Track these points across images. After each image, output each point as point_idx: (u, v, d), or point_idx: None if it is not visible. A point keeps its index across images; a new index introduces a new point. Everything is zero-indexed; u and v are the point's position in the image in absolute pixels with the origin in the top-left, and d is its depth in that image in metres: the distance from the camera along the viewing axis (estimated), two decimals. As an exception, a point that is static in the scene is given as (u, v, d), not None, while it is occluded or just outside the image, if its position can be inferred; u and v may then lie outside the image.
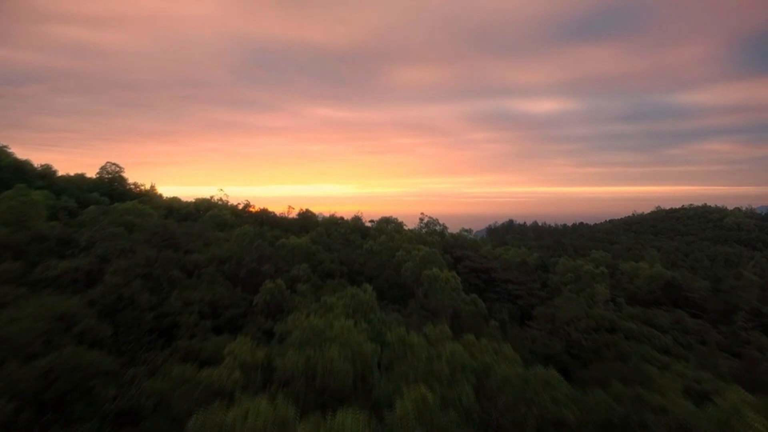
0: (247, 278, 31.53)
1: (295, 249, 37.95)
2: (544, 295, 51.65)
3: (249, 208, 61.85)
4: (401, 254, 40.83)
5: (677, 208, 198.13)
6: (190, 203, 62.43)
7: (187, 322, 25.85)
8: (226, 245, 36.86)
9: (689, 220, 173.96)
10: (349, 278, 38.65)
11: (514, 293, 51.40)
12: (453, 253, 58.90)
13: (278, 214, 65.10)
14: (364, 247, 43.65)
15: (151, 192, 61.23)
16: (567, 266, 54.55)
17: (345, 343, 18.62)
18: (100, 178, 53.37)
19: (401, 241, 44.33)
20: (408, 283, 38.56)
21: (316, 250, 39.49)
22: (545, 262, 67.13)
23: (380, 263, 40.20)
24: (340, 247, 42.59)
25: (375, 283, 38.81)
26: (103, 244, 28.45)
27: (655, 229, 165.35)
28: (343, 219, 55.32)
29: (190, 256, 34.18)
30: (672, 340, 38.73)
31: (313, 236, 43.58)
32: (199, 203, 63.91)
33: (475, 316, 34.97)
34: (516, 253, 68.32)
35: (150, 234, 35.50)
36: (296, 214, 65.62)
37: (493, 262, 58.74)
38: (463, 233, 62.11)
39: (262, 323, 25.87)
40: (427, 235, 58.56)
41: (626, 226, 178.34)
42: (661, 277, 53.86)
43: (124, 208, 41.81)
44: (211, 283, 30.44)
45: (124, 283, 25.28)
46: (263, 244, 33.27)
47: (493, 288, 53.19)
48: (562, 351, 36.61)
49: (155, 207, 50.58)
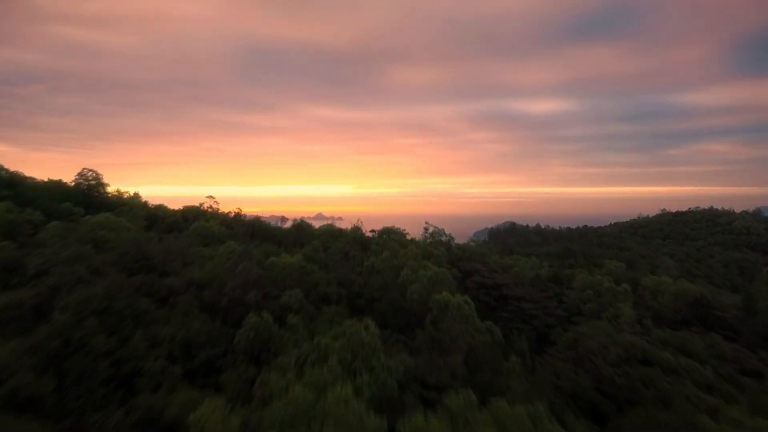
0: (229, 308, 27.10)
1: (286, 269, 33.54)
2: (562, 314, 47.29)
3: (240, 217, 57.50)
4: (406, 273, 36.45)
5: (683, 211, 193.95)
6: (177, 212, 57.98)
7: (152, 369, 21.42)
8: (209, 265, 32.45)
9: (696, 224, 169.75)
10: (348, 302, 34.27)
11: (529, 313, 46.97)
12: (460, 267, 54.56)
13: (273, 221, 60.87)
14: (365, 264, 39.23)
15: (134, 200, 56.76)
16: (585, 282, 50.21)
17: (341, 420, 14.27)
18: (76, 185, 48.83)
19: (406, 257, 39.94)
20: (415, 307, 34.16)
21: (310, 270, 35.07)
22: (558, 274, 62.76)
23: (383, 284, 35.78)
24: (338, 265, 38.20)
25: (377, 308, 34.45)
26: (58, 270, 24.03)
27: (662, 233, 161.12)
28: (342, 230, 50.76)
29: (165, 279, 29.74)
30: (713, 373, 34.51)
31: (307, 252, 39.19)
32: (187, 211, 59.47)
33: (492, 348, 30.63)
34: (526, 265, 63.93)
35: (120, 254, 31.08)
36: (291, 223, 61.24)
37: (503, 275, 54.36)
38: (470, 244, 57.71)
39: (243, 371, 21.43)
40: (432, 246, 54.19)
41: (632, 230, 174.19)
42: (687, 294, 49.51)
43: (96, 221, 37.39)
44: (187, 315, 26.01)
45: (75, 322, 20.89)
46: (249, 266, 28.84)
47: (506, 306, 48.77)
48: (590, 387, 32.33)
49: (136, 217, 46.13)
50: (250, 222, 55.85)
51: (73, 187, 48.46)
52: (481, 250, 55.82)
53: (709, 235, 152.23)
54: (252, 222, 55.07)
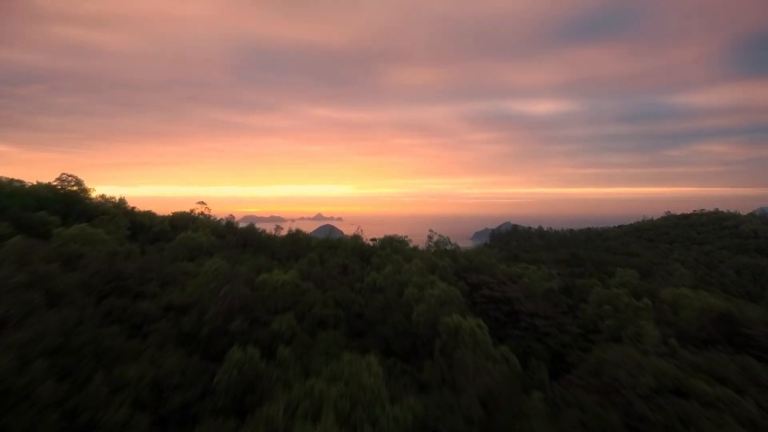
0: (210, 339, 23.64)
1: (279, 289, 30.09)
2: (577, 332, 43.85)
3: (233, 225, 54.02)
4: (411, 292, 32.98)
5: (689, 214, 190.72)
6: (165, 218, 54.52)
7: (113, 420, 17.98)
8: (191, 285, 28.97)
9: (703, 227, 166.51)
10: (347, 324, 30.79)
11: (543, 330, 43.52)
12: (468, 279, 51.15)
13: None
14: (366, 280, 35.77)
15: (120, 206, 53.28)
16: (602, 296, 46.83)
17: None
18: (55, 190, 45.25)
19: (410, 272, 36.50)
20: (421, 330, 30.72)
21: (305, 288, 31.60)
22: (569, 285, 59.34)
23: (385, 304, 32.32)
24: (336, 282, 34.74)
25: (380, 331, 30.99)
26: (6, 299, 20.55)
27: (668, 236, 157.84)
28: (340, 240, 47.24)
29: (139, 303, 26.26)
30: (755, 406, 31.08)
31: (303, 267, 35.75)
32: (176, 218, 56.01)
33: (511, 382, 27.24)
34: (535, 274, 60.48)
35: (90, 274, 27.58)
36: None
37: (513, 287, 50.93)
38: (475, 247, 54.27)
39: (221, 425, 17.93)
40: (436, 256, 50.75)
41: (638, 233, 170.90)
42: (712, 309, 46.08)
43: (69, 234, 33.91)
44: (161, 348, 22.52)
45: (19, 366, 17.47)
46: (234, 289, 25.38)
47: (517, 323, 45.34)
48: (620, 424, 28.94)
49: (118, 227, 42.63)
50: (242, 231, 52.33)
51: (51, 193, 44.94)
52: (489, 261, 52.32)
53: (717, 238, 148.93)
54: (244, 231, 51.55)
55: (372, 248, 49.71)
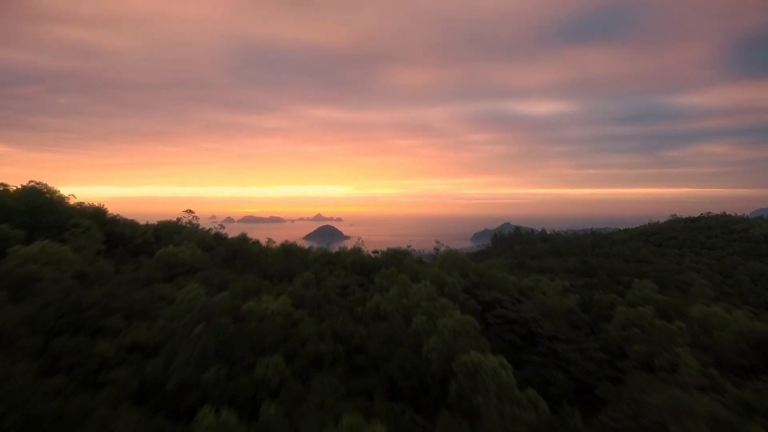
0: (178, 392, 19.27)
1: (266, 320, 25.71)
2: (603, 357, 39.55)
3: (222, 237, 49.62)
4: (421, 321, 28.62)
5: (695, 217, 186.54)
6: (149, 228, 50.10)
7: None
8: (163, 318, 24.59)
9: (711, 231, 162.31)
10: (346, 361, 26.43)
11: (564, 356, 39.23)
12: (479, 296, 46.85)
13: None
14: (368, 304, 31.41)
15: (99, 215, 48.83)
16: (628, 316, 42.57)
17: None
18: (22, 199, 40.70)
19: (419, 295, 32.14)
20: (433, 368, 26.40)
21: (298, 318, 27.21)
22: (587, 300, 55.05)
23: (391, 335, 27.95)
24: (334, 307, 30.38)
25: (384, 368, 26.62)
26: None
27: (676, 241, 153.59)
28: (340, 254, 42.82)
29: (99, 342, 21.89)
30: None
31: (296, 289, 31.42)
32: (162, 228, 51.58)
33: None
34: (549, 287, 56.17)
35: (41, 306, 23.20)
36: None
37: (528, 306, 46.62)
38: (490, 267, 49.91)
39: None
40: (445, 271, 46.38)
41: (644, 237, 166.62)
42: (752, 332, 41.87)
43: (27, 253, 29.48)
44: (116, 407, 18.15)
45: None
46: (211, 327, 21.04)
47: (535, 347, 41.01)
48: (670, 485, 24.71)
49: (92, 240, 38.21)
50: (232, 242, 47.92)
51: (17, 203, 40.43)
52: (501, 275, 48.01)
53: (727, 243, 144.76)
54: (234, 242, 47.16)
55: (374, 263, 45.39)
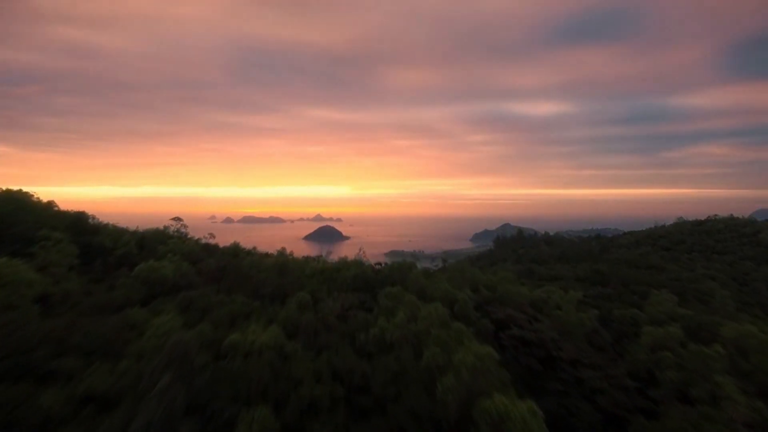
0: (137, 463, 15.36)
1: (253, 356, 21.81)
2: (632, 385, 35.61)
3: (211, 248, 45.71)
4: (433, 353, 24.71)
5: (703, 220, 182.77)
6: (132, 238, 46.18)
7: None
8: (129, 357, 20.67)
9: (720, 234, 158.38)
10: (347, 405, 22.51)
11: (591, 384, 35.30)
12: (492, 314, 42.94)
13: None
14: (372, 331, 27.48)
15: (79, 223, 44.91)
16: (656, 338, 38.66)
17: None
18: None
19: (429, 320, 28.21)
20: (450, 414, 22.53)
21: (291, 353, 23.29)
22: (604, 314, 51.09)
23: (399, 371, 24.05)
24: (333, 336, 26.45)
25: (392, 412, 22.72)
26: None
27: (685, 245, 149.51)
28: (339, 268, 38.73)
29: (46, 392, 17.98)
30: None
31: (290, 314, 27.49)
32: (147, 237, 47.66)
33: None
34: (565, 301, 52.21)
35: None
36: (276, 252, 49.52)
37: (546, 325, 42.69)
38: (503, 281, 45.92)
39: None
40: (454, 285, 42.46)
41: (651, 241, 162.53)
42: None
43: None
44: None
45: None
46: (181, 383, 17.13)
47: (556, 373, 37.05)
48: None
49: (63, 256, 34.25)
50: (222, 254, 43.90)
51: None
52: (514, 289, 44.09)
53: (737, 247, 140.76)
54: (225, 254, 43.15)
55: (378, 276, 41.47)
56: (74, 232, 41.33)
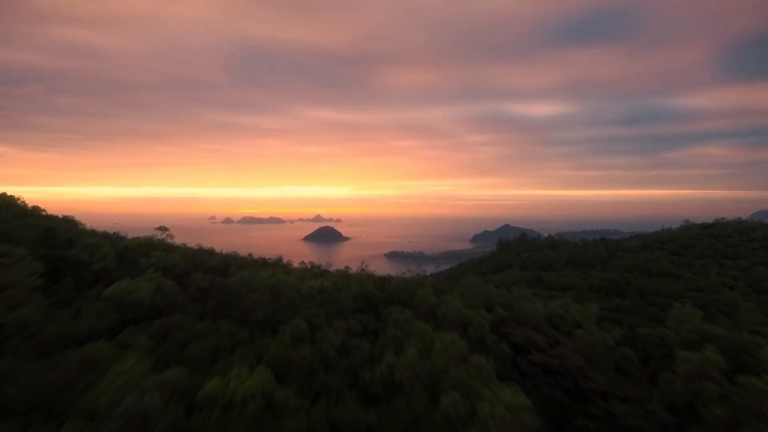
0: None
1: (235, 409, 17.73)
2: (671, 422, 31.56)
3: (204, 259, 41.44)
4: (452, 399, 20.65)
5: (711, 224, 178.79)
6: (112, 249, 42.09)
7: None
8: (77, 419, 16.59)
9: (730, 239, 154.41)
10: (349, 469, 18.45)
11: (625, 421, 31.19)
12: (509, 336, 38.85)
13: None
14: (378, 370, 23.39)
15: (49, 234, 40.79)
16: (695, 366, 34.59)
17: None
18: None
19: (445, 356, 24.11)
20: (475, 482, 18.50)
21: (281, 403, 19.19)
22: (628, 334, 46.98)
23: (411, 421, 20.00)
24: (333, 376, 22.38)
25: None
26: None
27: (694, 250, 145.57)
28: (339, 288, 34.32)
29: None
30: None
31: (282, 350, 23.38)
32: (129, 248, 43.58)
33: None
34: (582, 315, 48.07)
35: None
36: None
37: (568, 347, 38.63)
38: (519, 298, 41.83)
39: None
40: (468, 306, 38.38)
41: (659, 245, 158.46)
42: None
43: None
44: None
45: None
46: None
47: (585, 406, 32.90)
48: None
49: (26, 275, 30.07)
50: (212, 266, 39.58)
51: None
52: (531, 306, 40.08)
53: (749, 252, 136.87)
54: (213, 268, 38.87)
55: (382, 295, 37.41)
56: (45, 245, 37.27)
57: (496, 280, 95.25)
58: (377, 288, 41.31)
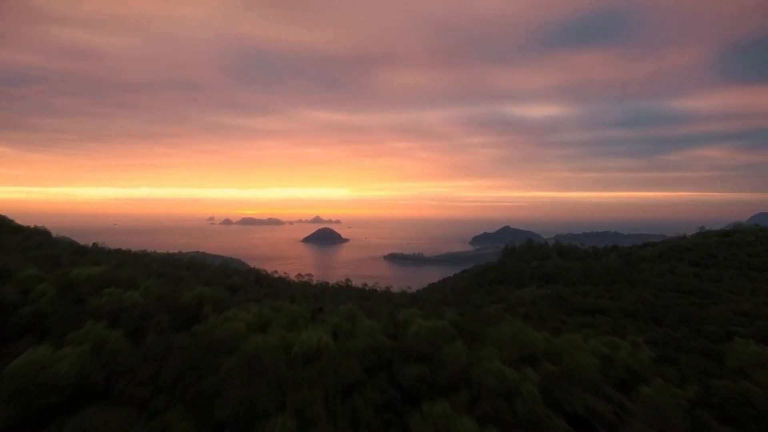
0: None
1: None
2: None
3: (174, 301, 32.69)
4: None
5: (728, 231, 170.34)
6: (54, 284, 33.39)
7: None
8: None
9: (751, 248, 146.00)
10: None
11: None
12: (565, 405, 30.30)
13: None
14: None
15: None
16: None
17: None
18: None
19: None
20: None
21: None
22: (701, 392, 38.44)
23: None
24: None
25: None
26: None
27: (716, 260, 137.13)
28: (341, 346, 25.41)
29: None
30: None
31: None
32: (78, 283, 34.87)
33: None
34: (635, 358, 39.49)
35: None
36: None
37: (637, 415, 30.21)
38: (570, 346, 33.10)
39: None
40: (511, 364, 29.76)
41: (676, 254, 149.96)
42: None
43: None
44: None
45: None
46: None
47: None
48: None
49: None
50: (183, 305, 30.42)
51: None
52: (587, 360, 31.46)
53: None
54: (182, 313, 29.78)
55: (399, 346, 28.77)
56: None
57: (514, 300, 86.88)
58: (389, 333, 32.74)
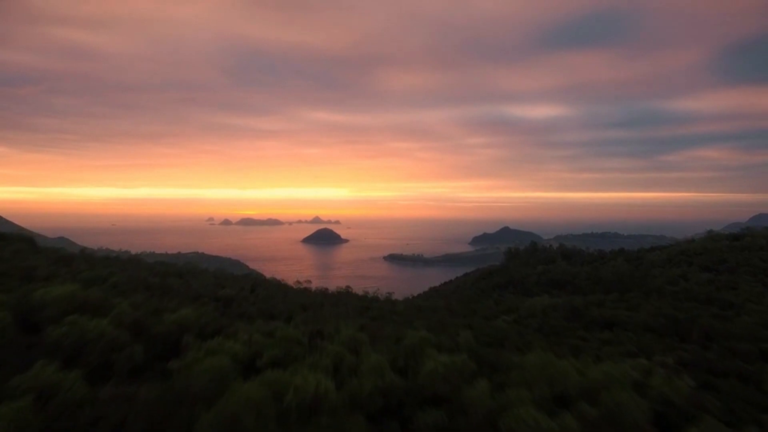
0: None
1: None
2: None
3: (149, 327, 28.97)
4: None
5: (739, 234, 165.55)
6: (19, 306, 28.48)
7: None
8: None
9: (763, 252, 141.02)
10: None
11: None
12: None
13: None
14: None
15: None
16: None
17: None
18: None
19: None
20: None
21: None
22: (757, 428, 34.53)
23: None
24: None
25: None
26: None
27: (728, 265, 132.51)
28: (345, 387, 22.24)
29: None
30: None
31: None
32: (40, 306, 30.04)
33: None
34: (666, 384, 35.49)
35: None
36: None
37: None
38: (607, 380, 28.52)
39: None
40: (540, 406, 25.43)
41: (686, 258, 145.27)
42: None
43: None
44: None
45: None
46: None
47: None
48: None
49: None
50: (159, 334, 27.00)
51: None
52: (628, 399, 26.68)
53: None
54: (158, 344, 26.39)
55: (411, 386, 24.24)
56: None
57: (524, 310, 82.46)
58: (399, 366, 27.97)
